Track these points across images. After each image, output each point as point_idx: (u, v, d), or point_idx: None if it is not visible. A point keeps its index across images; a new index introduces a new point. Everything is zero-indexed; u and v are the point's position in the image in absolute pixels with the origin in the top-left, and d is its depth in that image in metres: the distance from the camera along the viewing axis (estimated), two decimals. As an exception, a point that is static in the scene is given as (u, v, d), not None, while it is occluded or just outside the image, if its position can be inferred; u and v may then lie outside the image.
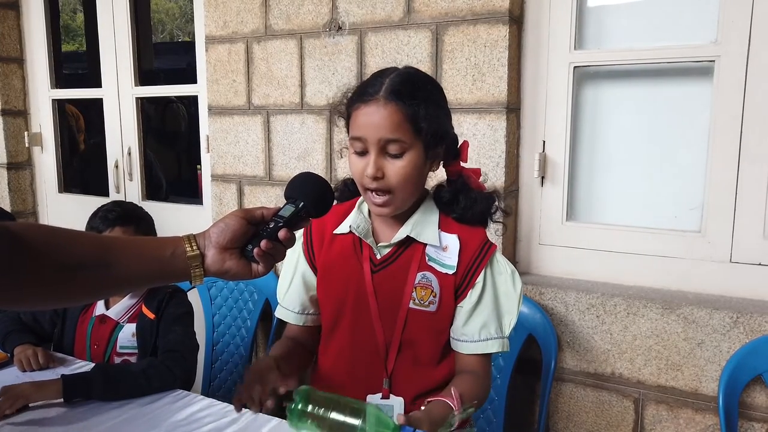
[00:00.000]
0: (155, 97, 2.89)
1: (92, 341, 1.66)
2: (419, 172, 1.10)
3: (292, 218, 0.93)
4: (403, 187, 1.08)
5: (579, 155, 1.88)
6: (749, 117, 1.60)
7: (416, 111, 1.05)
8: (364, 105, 1.07)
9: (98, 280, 0.86)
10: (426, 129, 1.06)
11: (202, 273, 0.90)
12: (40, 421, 1.31)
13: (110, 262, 0.85)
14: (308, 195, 0.97)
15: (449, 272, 1.13)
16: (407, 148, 1.06)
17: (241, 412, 1.05)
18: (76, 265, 0.83)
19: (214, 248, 0.90)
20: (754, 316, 1.53)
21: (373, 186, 1.07)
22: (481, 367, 1.15)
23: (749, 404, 1.57)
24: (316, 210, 0.98)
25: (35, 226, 0.85)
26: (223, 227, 0.91)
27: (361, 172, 1.08)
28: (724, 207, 1.66)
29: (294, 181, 1.00)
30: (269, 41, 2.10)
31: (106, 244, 0.88)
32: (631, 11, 1.80)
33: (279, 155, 2.15)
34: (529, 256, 1.92)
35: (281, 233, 0.91)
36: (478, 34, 1.75)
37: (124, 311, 1.65)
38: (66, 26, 4.49)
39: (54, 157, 2.93)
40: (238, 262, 0.91)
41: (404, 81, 1.08)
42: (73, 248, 0.84)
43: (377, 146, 1.06)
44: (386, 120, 1.05)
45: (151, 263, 0.88)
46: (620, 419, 1.73)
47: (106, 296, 1.55)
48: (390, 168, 1.07)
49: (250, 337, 2.11)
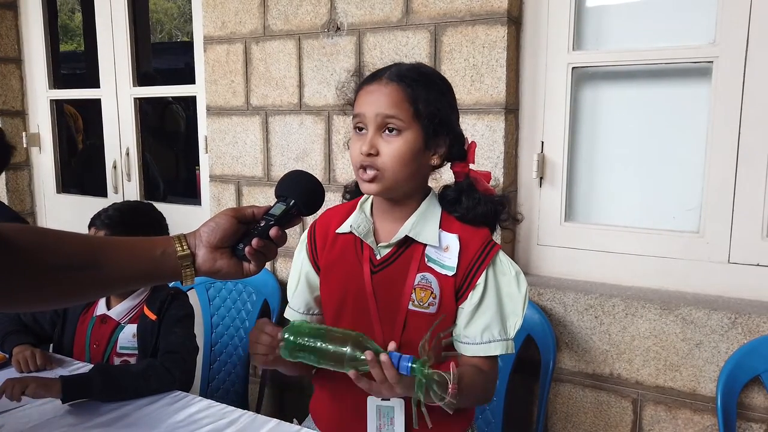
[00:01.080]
0: (153, 97, 2.89)
1: (92, 341, 1.66)
2: (414, 156, 1.08)
3: (283, 216, 0.94)
4: (395, 166, 1.06)
5: (577, 156, 1.88)
6: (747, 118, 1.61)
7: (416, 93, 1.06)
8: (367, 85, 1.10)
9: (88, 281, 0.85)
10: (424, 111, 1.07)
11: (193, 273, 0.90)
12: (38, 421, 1.31)
13: (100, 263, 0.85)
14: (299, 193, 0.97)
15: (449, 273, 1.12)
16: (404, 128, 1.06)
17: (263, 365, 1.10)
18: (65, 266, 0.83)
19: (204, 247, 0.90)
20: (752, 317, 1.54)
21: (366, 162, 1.07)
22: (485, 369, 1.14)
23: (747, 405, 1.57)
24: (307, 208, 0.98)
25: (24, 228, 0.84)
26: (214, 226, 0.91)
27: (357, 152, 1.08)
28: (723, 207, 1.66)
29: (284, 179, 1.00)
30: (267, 42, 2.10)
31: (95, 244, 0.88)
32: (630, 12, 1.81)
33: (277, 156, 2.14)
34: (528, 256, 1.92)
35: (272, 231, 0.91)
36: (477, 34, 1.75)
37: (125, 312, 1.65)
38: (64, 26, 4.48)
39: (52, 157, 2.93)
40: (229, 261, 0.91)
41: (411, 68, 1.10)
42: (62, 249, 0.84)
43: (374, 122, 1.06)
44: (386, 97, 1.06)
45: (141, 263, 0.88)
46: (618, 420, 1.73)
47: (97, 297, 1.55)
48: (384, 146, 1.06)
49: (248, 339, 2.11)
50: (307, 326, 1.01)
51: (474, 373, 1.10)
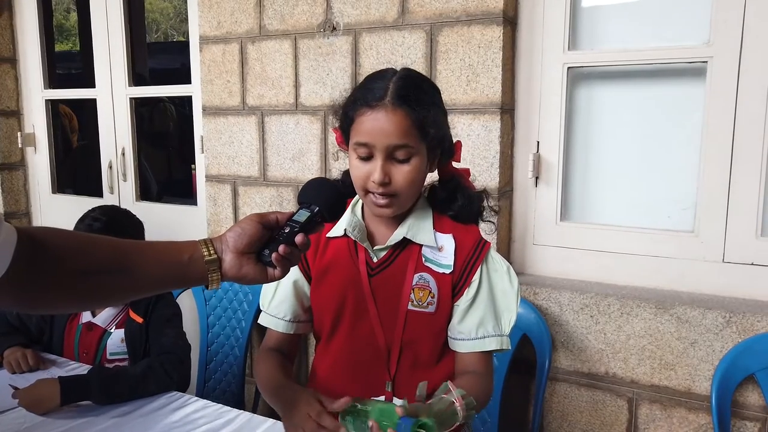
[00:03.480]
0: (149, 97, 2.88)
1: (80, 349, 1.66)
2: (423, 175, 1.11)
3: (308, 223, 0.94)
4: (408, 190, 1.09)
5: (573, 156, 1.88)
6: (741, 117, 1.61)
7: (423, 116, 1.05)
8: (370, 110, 1.06)
9: (117, 285, 0.86)
10: (432, 134, 1.07)
11: (220, 277, 0.91)
12: (35, 421, 1.31)
13: (129, 267, 0.85)
14: (323, 200, 0.98)
15: (446, 272, 1.13)
16: (414, 153, 1.06)
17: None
18: (95, 270, 0.83)
19: (231, 253, 0.91)
20: (746, 316, 1.54)
21: (379, 191, 1.07)
22: (481, 366, 1.14)
23: (742, 403, 1.58)
24: (330, 215, 0.99)
25: (54, 231, 0.84)
26: (240, 232, 0.91)
27: (365, 177, 1.08)
28: (717, 207, 1.67)
29: (308, 186, 1.02)
30: (263, 41, 2.10)
31: (124, 248, 0.88)
32: (625, 12, 1.81)
33: (273, 156, 2.14)
34: (524, 256, 1.92)
35: (298, 238, 0.91)
36: (473, 34, 1.75)
37: (110, 318, 1.65)
38: (59, 26, 4.47)
39: (47, 157, 2.91)
40: (255, 266, 0.92)
41: (408, 85, 1.07)
42: (93, 253, 0.84)
43: (385, 152, 1.05)
44: (395, 126, 1.04)
45: (169, 268, 0.88)
46: (614, 419, 1.73)
47: (125, 301, 1.53)
48: (396, 173, 1.07)
49: (244, 338, 2.11)
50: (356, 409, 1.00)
51: (472, 384, 1.08)
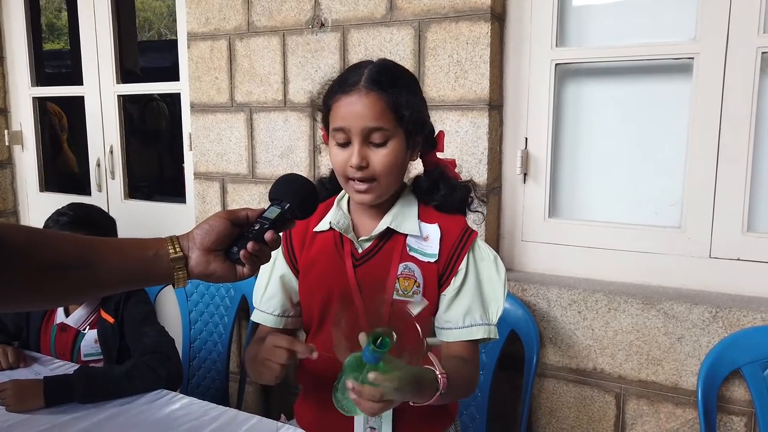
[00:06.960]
0: (138, 95, 2.86)
1: (57, 350, 1.65)
2: (402, 160, 1.10)
3: (278, 220, 0.92)
4: (387, 174, 1.08)
5: (561, 152, 1.89)
6: (728, 113, 1.62)
7: (397, 99, 1.06)
8: (344, 95, 1.07)
9: (81, 280, 0.84)
10: (408, 117, 1.07)
11: (186, 275, 0.89)
12: (19, 420, 1.30)
13: (91, 263, 0.84)
14: (294, 196, 0.95)
15: (431, 260, 1.12)
16: (390, 136, 1.06)
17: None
18: (56, 265, 0.82)
19: (198, 250, 0.89)
20: (732, 311, 1.55)
21: (357, 175, 1.07)
22: (467, 355, 1.13)
23: (728, 398, 1.58)
24: (302, 211, 0.96)
25: (15, 227, 0.84)
26: (208, 229, 0.90)
27: (343, 163, 1.08)
28: (704, 203, 1.67)
29: (279, 182, 0.99)
30: (252, 38, 2.09)
31: (86, 244, 0.87)
32: (613, 9, 1.82)
33: (262, 153, 2.14)
34: (512, 252, 1.92)
35: (267, 235, 0.90)
36: (461, 31, 1.75)
37: (82, 319, 1.64)
38: (51, 25, 4.44)
39: (35, 155, 2.89)
40: (222, 264, 0.90)
41: (382, 71, 1.08)
42: (54, 248, 0.83)
43: (360, 136, 1.06)
44: (369, 109, 1.04)
45: (133, 264, 0.87)
46: (602, 414, 1.74)
47: (91, 297, 1.53)
48: (374, 157, 1.07)
49: (227, 334, 2.10)
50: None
51: (458, 365, 1.09)
